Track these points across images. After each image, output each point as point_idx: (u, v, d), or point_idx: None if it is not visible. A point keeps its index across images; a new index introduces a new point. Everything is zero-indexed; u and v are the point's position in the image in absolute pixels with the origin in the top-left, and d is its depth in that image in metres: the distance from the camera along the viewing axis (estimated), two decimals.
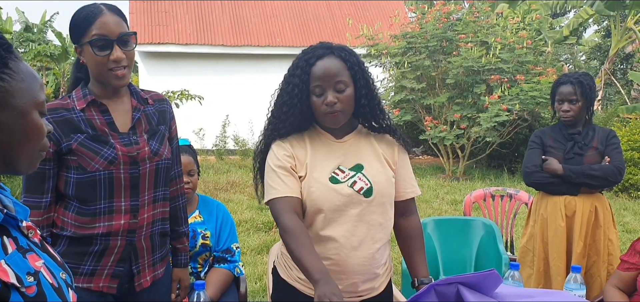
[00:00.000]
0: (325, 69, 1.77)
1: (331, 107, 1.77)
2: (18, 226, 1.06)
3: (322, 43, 1.86)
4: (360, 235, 1.82)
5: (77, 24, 1.75)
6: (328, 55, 1.79)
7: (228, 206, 6.86)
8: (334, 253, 1.81)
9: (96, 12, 1.73)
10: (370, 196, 1.82)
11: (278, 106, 1.85)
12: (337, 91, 1.77)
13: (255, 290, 4.25)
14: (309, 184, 1.80)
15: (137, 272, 1.86)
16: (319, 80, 1.77)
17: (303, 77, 1.78)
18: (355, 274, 1.83)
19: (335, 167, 1.83)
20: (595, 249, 3.03)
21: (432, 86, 10.28)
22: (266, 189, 1.84)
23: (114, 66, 1.73)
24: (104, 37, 1.71)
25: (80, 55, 1.79)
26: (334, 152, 1.85)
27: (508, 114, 9.10)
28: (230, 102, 13.16)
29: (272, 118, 1.88)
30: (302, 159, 1.83)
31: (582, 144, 3.01)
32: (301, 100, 1.79)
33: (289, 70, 1.85)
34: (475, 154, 10.49)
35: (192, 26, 13.71)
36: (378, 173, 1.85)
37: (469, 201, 4.44)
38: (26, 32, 16.83)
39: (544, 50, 11.20)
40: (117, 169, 1.77)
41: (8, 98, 1.02)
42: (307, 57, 1.80)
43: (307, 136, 1.87)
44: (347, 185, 1.80)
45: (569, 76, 3.06)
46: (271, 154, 1.85)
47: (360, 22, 12.95)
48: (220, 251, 2.75)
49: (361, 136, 1.91)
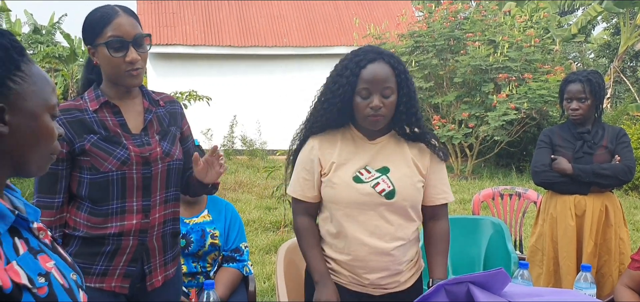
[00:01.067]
0: (375, 73, 1.82)
1: (376, 111, 1.83)
2: (29, 227, 1.07)
3: (371, 47, 1.92)
4: (379, 234, 1.89)
5: (92, 25, 1.76)
6: (378, 60, 1.85)
7: (236, 205, 6.87)
8: (353, 249, 1.90)
9: (112, 14, 1.74)
10: (391, 199, 1.88)
11: (320, 102, 1.94)
12: (383, 96, 1.83)
13: (264, 289, 4.26)
14: (332, 180, 1.90)
15: (149, 272, 1.87)
16: (367, 84, 1.82)
17: (351, 78, 1.83)
18: (376, 269, 1.91)
19: (361, 167, 1.91)
20: (607, 248, 3.01)
21: (440, 85, 10.25)
22: (292, 180, 2.02)
23: (129, 67, 1.75)
24: (119, 39, 1.73)
25: (93, 56, 1.80)
26: (364, 153, 1.93)
27: (516, 112, 9.06)
28: (238, 103, 13.18)
29: (314, 114, 1.96)
30: (328, 157, 1.93)
31: (592, 142, 2.98)
32: (343, 100, 1.86)
33: (336, 69, 1.91)
34: (484, 153, 10.45)
35: (200, 27, 13.74)
36: (404, 177, 1.91)
37: (478, 200, 4.43)
38: (35, 33, 16.94)
39: (552, 48, 11.15)
40: (130, 169, 1.78)
41: (20, 101, 1.03)
42: (357, 59, 1.85)
43: (340, 134, 1.96)
44: (369, 185, 1.88)
45: (578, 74, 3.04)
46: (303, 151, 1.99)
47: (367, 21, 12.93)
48: (229, 250, 2.76)
49: (393, 140, 1.97)
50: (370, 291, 1.95)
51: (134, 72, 1.77)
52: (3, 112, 1.01)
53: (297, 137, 2.04)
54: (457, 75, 9.67)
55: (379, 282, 1.93)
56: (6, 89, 1.01)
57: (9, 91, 1.01)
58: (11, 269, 0.96)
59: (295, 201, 2.01)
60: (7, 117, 1.01)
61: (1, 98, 1.00)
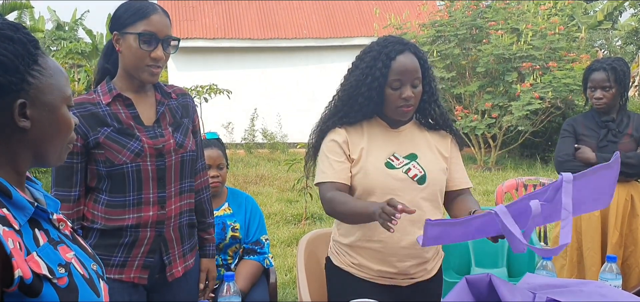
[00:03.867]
0: (406, 65, 1.85)
1: (407, 102, 1.87)
2: (49, 218, 1.08)
3: (396, 38, 1.94)
4: (412, 220, 1.87)
5: (128, 13, 1.79)
6: (406, 51, 1.87)
7: (257, 198, 6.91)
8: (385, 236, 1.89)
9: (150, 9, 1.79)
10: (423, 183, 1.92)
11: (351, 95, 1.92)
12: (413, 87, 1.87)
13: (285, 282, 4.28)
14: (365, 167, 1.90)
15: (168, 262, 1.89)
16: (399, 75, 1.85)
17: (383, 70, 1.85)
18: (405, 257, 1.93)
19: (390, 154, 1.93)
20: (632, 238, 2.96)
21: (462, 75, 10.14)
22: (317, 172, 1.98)
23: (151, 63, 1.79)
24: (152, 34, 1.77)
25: (117, 43, 1.82)
26: (390, 140, 1.95)
27: (540, 102, 8.91)
28: (258, 96, 13.22)
29: (342, 105, 1.95)
30: (357, 143, 1.93)
31: (616, 131, 2.93)
32: (378, 92, 1.87)
33: (363, 61, 1.91)
34: (508, 144, 10.32)
35: (219, 20, 13.80)
36: (431, 162, 1.95)
37: (501, 191, 4.37)
38: (58, 30, 17.21)
39: (577, 36, 10.92)
40: (144, 161, 1.80)
41: (39, 95, 1.04)
42: (387, 51, 1.87)
43: (365, 123, 1.97)
44: (402, 171, 1.90)
45: (602, 62, 2.98)
46: (327, 139, 1.96)
47: (387, 11, 12.84)
48: (250, 242, 2.77)
49: (415, 128, 2.01)
50: (398, 282, 1.96)
51: (154, 69, 1.80)
52: (25, 107, 1.02)
53: (317, 130, 2.03)
54: (480, 64, 9.55)
55: (408, 270, 1.95)
56: (26, 84, 1.02)
57: (29, 86, 1.03)
58: (31, 260, 0.97)
59: (325, 185, 1.90)
60: (28, 111, 1.03)
61: (22, 94, 1.02)
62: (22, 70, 1.02)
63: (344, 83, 1.97)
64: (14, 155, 1.05)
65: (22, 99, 1.02)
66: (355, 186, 1.93)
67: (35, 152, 1.08)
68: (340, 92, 1.97)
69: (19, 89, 1.01)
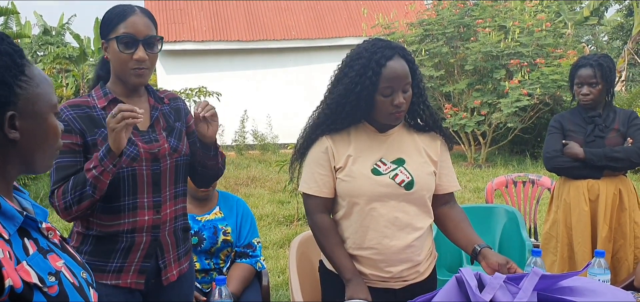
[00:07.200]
0: (397, 71, 1.81)
1: (398, 108, 1.83)
2: (38, 227, 1.08)
3: (384, 41, 1.89)
4: (400, 225, 1.89)
5: (109, 19, 1.80)
6: (395, 56, 1.83)
7: (249, 200, 6.90)
8: (375, 243, 1.89)
9: (128, 12, 1.78)
10: (411, 189, 1.89)
11: (340, 103, 1.87)
12: (403, 92, 1.84)
13: (278, 283, 4.27)
14: (350, 174, 1.88)
15: (164, 266, 1.89)
16: (390, 82, 1.81)
17: (373, 78, 1.80)
18: (397, 262, 1.91)
19: (377, 160, 1.90)
20: (621, 232, 2.98)
21: (451, 73, 10.18)
22: (303, 178, 1.97)
23: (135, 66, 1.78)
24: (130, 36, 1.76)
25: (105, 51, 1.83)
26: (377, 145, 1.92)
27: (529, 98, 8.98)
28: (248, 98, 13.19)
29: (329, 112, 1.91)
30: (343, 152, 1.90)
31: (603, 126, 2.96)
32: (366, 100, 1.83)
33: (353, 69, 1.84)
34: (497, 141, 10.38)
35: (207, 23, 13.75)
36: (419, 167, 1.92)
37: (491, 188, 4.40)
38: (45, 35, 17.09)
39: (564, 32, 11.01)
40: (140, 166, 1.80)
41: (28, 105, 1.04)
42: (376, 58, 1.81)
43: (352, 128, 1.94)
44: (388, 177, 1.88)
45: (588, 58, 3.01)
46: (313, 149, 1.93)
47: (375, 11, 12.86)
48: (242, 246, 2.77)
49: (404, 130, 1.98)
50: (392, 285, 1.94)
51: (139, 71, 1.80)
52: (14, 119, 1.02)
53: (306, 134, 2.00)
54: (468, 62, 9.60)
55: (401, 274, 1.93)
56: (14, 96, 1.02)
57: (17, 98, 1.02)
58: (22, 269, 0.97)
59: (310, 198, 1.94)
60: (18, 123, 1.03)
61: (11, 106, 1.01)
62: (10, 82, 1.01)
63: (332, 90, 1.92)
64: (3, 165, 1.05)
65: (11, 111, 1.01)
66: (340, 193, 1.91)
67: (24, 161, 1.07)
68: (328, 100, 1.92)
69: (8, 102, 1.01)
